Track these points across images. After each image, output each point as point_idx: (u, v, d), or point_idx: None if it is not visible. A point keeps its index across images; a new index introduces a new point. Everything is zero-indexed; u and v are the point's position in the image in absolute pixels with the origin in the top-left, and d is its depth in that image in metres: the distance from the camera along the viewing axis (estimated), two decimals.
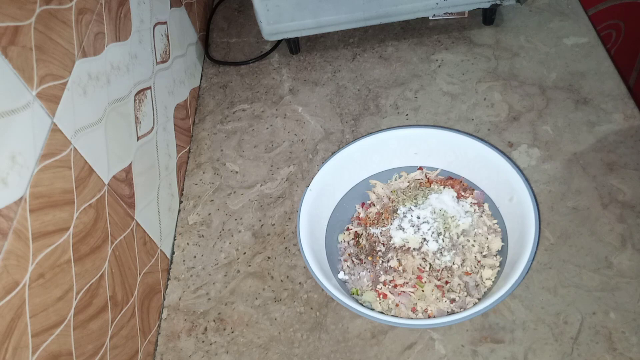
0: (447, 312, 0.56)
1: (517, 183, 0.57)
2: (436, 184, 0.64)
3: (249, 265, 0.66)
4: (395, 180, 0.67)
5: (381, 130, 0.65)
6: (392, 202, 0.63)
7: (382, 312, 0.57)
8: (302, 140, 0.78)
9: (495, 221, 0.61)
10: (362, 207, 0.66)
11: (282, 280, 0.64)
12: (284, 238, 0.68)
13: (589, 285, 0.57)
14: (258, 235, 0.69)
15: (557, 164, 0.68)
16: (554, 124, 0.72)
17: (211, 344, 0.60)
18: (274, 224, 0.69)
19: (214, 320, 0.62)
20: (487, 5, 0.82)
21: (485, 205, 0.62)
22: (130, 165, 0.60)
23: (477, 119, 0.75)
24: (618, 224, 0.62)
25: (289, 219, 0.69)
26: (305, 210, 0.59)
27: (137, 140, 0.63)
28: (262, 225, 0.70)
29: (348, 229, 0.65)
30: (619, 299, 0.56)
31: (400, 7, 0.81)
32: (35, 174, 0.42)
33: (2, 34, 0.40)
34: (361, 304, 0.56)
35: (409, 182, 0.66)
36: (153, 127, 0.67)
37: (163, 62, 0.74)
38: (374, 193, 0.66)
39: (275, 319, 0.61)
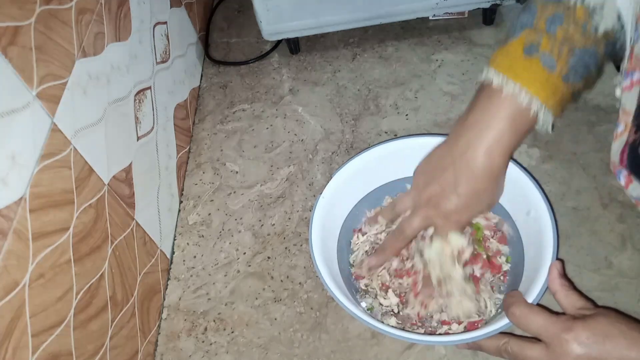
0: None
1: (535, 197, 0.55)
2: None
3: (249, 265, 0.66)
4: None
5: (396, 138, 0.63)
6: None
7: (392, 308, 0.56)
8: (302, 140, 0.78)
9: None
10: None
11: (282, 280, 0.64)
12: (284, 238, 0.68)
13: (589, 285, 0.57)
14: (258, 235, 0.69)
15: (557, 164, 0.68)
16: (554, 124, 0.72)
17: (211, 344, 0.60)
18: (274, 224, 0.69)
19: (214, 320, 0.62)
20: (487, 5, 0.82)
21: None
22: (130, 165, 0.60)
23: None
24: (618, 224, 0.62)
25: (289, 219, 0.69)
26: (317, 217, 0.57)
27: (137, 140, 0.63)
28: (262, 225, 0.70)
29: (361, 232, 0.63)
30: (619, 299, 0.56)
31: (400, 7, 0.81)
32: (35, 174, 0.42)
33: (2, 34, 0.40)
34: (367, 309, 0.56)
35: None
36: (153, 127, 0.67)
37: (163, 62, 0.74)
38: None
39: (275, 319, 0.61)
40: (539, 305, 0.47)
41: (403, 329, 0.54)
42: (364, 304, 0.57)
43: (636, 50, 0.42)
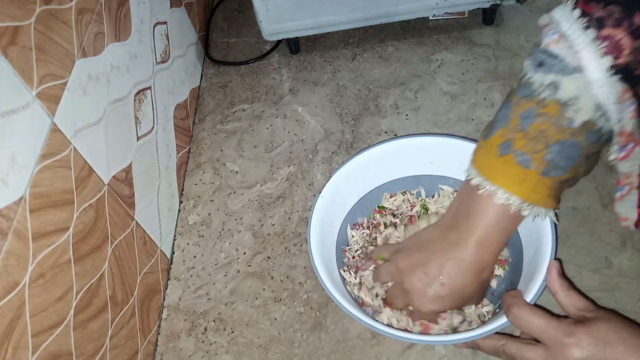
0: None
1: None
2: None
3: (249, 265, 0.66)
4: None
5: (396, 137, 0.64)
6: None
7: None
8: (302, 140, 0.78)
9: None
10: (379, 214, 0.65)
11: (282, 280, 0.64)
12: (284, 238, 0.68)
13: (589, 285, 0.57)
14: (258, 235, 0.69)
15: None
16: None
17: (211, 344, 0.60)
18: (274, 224, 0.69)
19: (214, 320, 0.62)
20: (487, 5, 0.82)
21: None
22: (130, 165, 0.60)
23: (477, 119, 0.75)
24: (618, 224, 0.61)
25: (289, 219, 0.69)
26: (316, 217, 0.57)
27: (137, 140, 0.63)
28: (262, 225, 0.70)
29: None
30: (619, 299, 0.56)
31: (400, 7, 0.81)
32: (35, 174, 0.42)
33: (2, 34, 0.40)
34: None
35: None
36: (153, 127, 0.67)
37: (163, 62, 0.74)
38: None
39: (275, 319, 0.61)
40: (538, 306, 0.47)
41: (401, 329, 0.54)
42: None
43: (628, 128, 0.41)
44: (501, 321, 0.47)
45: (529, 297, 0.48)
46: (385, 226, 0.62)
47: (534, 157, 0.45)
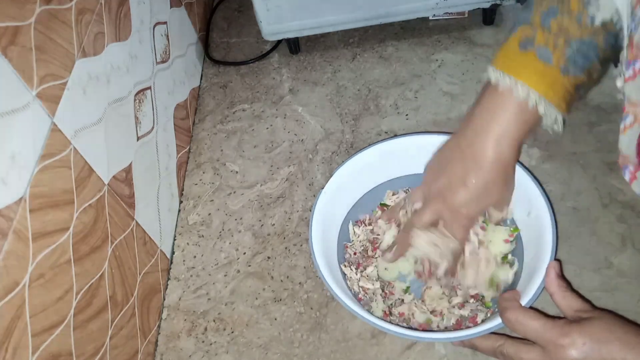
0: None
1: (536, 198, 0.55)
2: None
3: (249, 265, 0.66)
4: None
5: (399, 135, 0.64)
6: None
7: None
8: (302, 140, 0.78)
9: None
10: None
11: (282, 280, 0.64)
12: (284, 238, 0.68)
13: (589, 286, 0.57)
14: (258, 235, 0.69)
15: (557, 164, 0.68)
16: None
17: (211, 344, 0.60)
18: (274, 224, 0.69)
19: (214, 320, 0.62)
20: (487, 5, 0.82)
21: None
22: (130, 165, 0.60)
23: None
24: (618, 224, 0.62)
25: (289, 219, 0.69)
26: (318, 212, 0.58)
27: (137, 140, 0.63)
28: (262, 225, 0.70)
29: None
30: (619, 299, 0.56)
31: (400, 7, 0.81)
32: (35, 174, 0.42)
33: (2, 34, 0.40)
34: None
35: None
36: (153, 127, 0.67)
37: (163, 62, 0.74)
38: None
39: (275, 319, 0.61)
40: (533, 308, 0.47)
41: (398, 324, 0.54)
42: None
43: (636, 39, 0.41)
44: (498, 321, 0.47)
45: (527, 298, 0.48)
46: None
47: (555, 53, 0.46)
